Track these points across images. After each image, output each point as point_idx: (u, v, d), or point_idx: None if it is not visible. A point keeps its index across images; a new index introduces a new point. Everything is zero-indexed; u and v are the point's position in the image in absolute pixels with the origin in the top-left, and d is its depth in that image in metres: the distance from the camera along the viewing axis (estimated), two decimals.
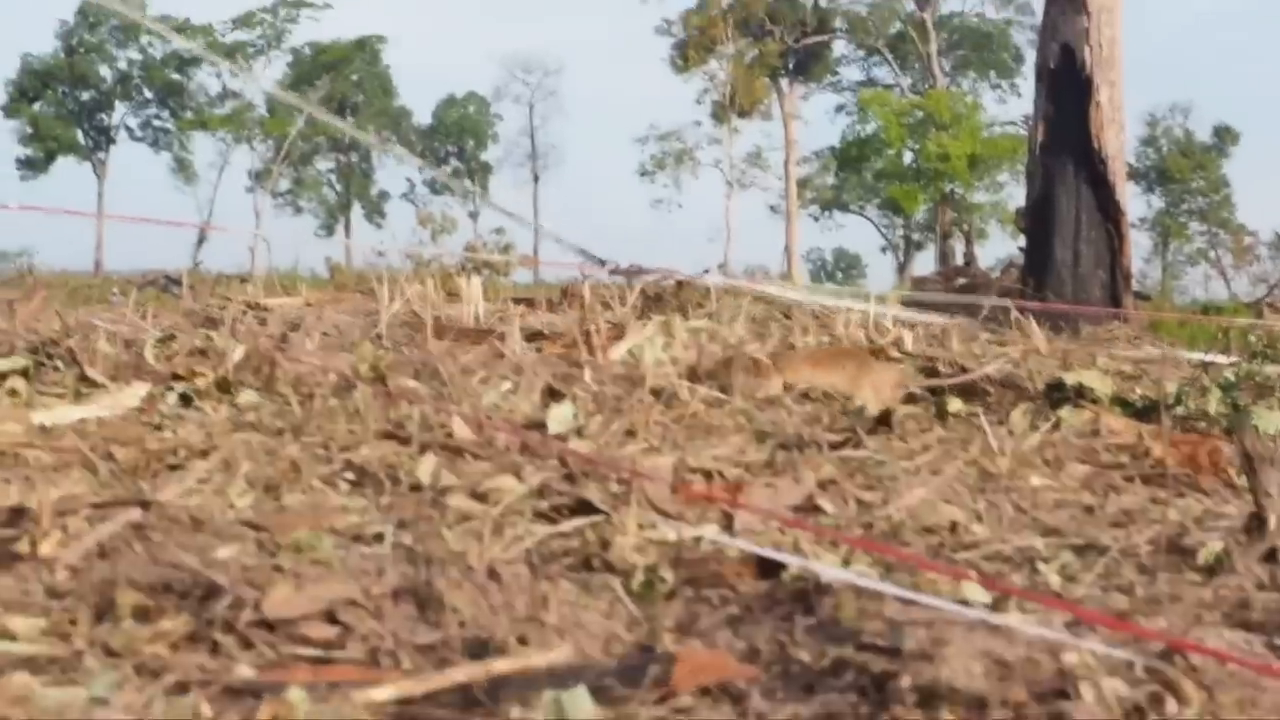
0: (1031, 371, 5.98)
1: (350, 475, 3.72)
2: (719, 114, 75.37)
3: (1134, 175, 68.36)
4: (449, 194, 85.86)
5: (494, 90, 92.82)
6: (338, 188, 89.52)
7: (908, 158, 61.48)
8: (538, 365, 5.66)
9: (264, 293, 9.43)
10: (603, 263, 6.29)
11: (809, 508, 3.57)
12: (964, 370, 5.85)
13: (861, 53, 77.59)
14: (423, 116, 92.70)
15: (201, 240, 55.49)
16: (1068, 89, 13.14)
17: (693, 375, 5.35)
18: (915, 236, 74.40)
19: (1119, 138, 13.27)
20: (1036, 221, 13.42)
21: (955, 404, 5.06)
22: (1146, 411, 5.17)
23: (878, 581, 2.62)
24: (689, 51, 73.76)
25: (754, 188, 78.55)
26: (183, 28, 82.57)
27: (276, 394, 4.96)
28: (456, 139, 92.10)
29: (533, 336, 6.74)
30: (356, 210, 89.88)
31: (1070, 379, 5.37)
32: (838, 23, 76.96)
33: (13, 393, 4.61)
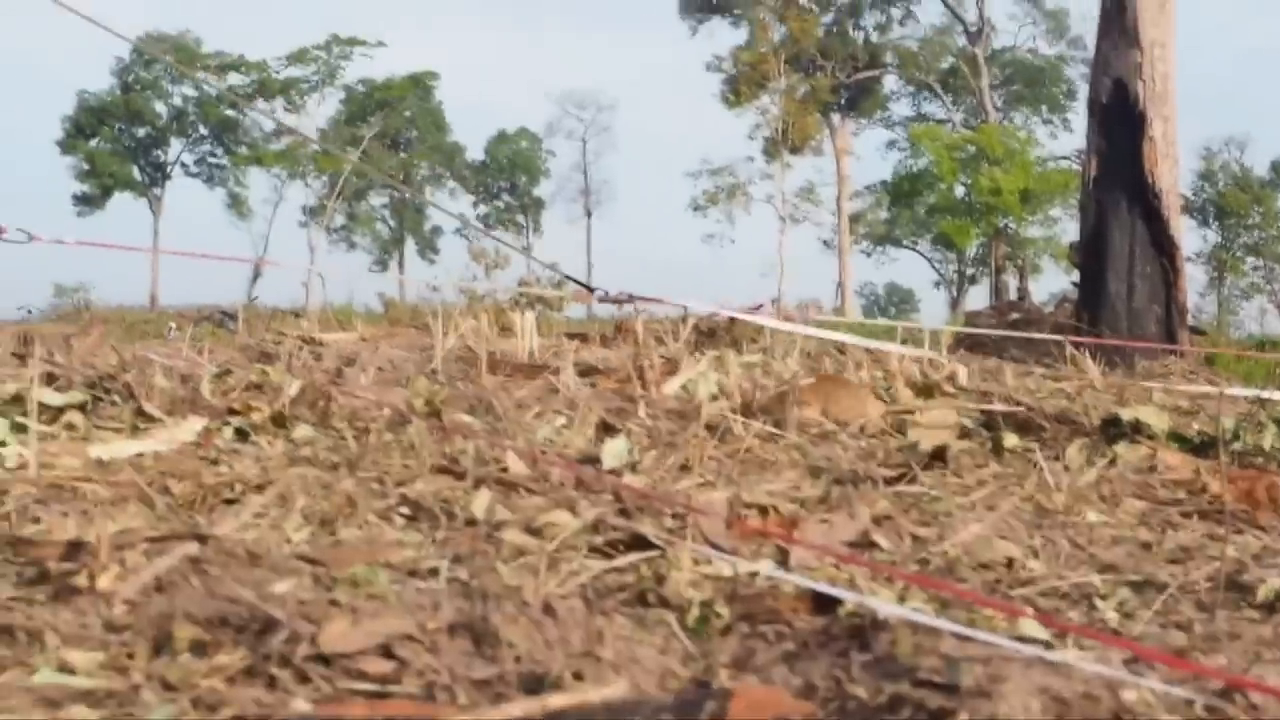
0: (1087, 407, 5.94)
1: (405, 510, 3.73)
2: (771, 149, 75.37)
3: (1189, 209, 68.08)
4: (488, 229, 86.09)
5: (546, 126, 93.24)
6: (391, 223, 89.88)
7: (960, 192, 61.31)
8: (591, 400, 5.66)
9: (319, 328, 9.46)
10: (592, 290, 6.30)
11: (864, 543, 3.56)
12: (1019, 405, 5.81)
13: (912, 88, 77.53)
14: (475, 152, 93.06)
15: (256, 276, 55.86)
16: (1120, 124, 13.11)
17: (746, 410, 5.35)
18: (968, 271, 74.19)
19: (1172, 172, 13.23)
20: (1090, 256, 13.38)
21: (1011, 439, 5.04)
22: (1203, 447, 5.13)
23: (934, 618, 2.61)
24: (740, 87, 73.80)
25: (806, 222, 78.51)
26: (236, 65, 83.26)
27: (332, 429, 4.98)
28: (509, 175, 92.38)
29: (586, 371, 6.75)
30: (410, 245, 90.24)
31: (1126, 414, 5.34)
32: (889, 58, 76.95)
33: (70, 427, 4.64)
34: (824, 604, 2.77)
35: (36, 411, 4.27)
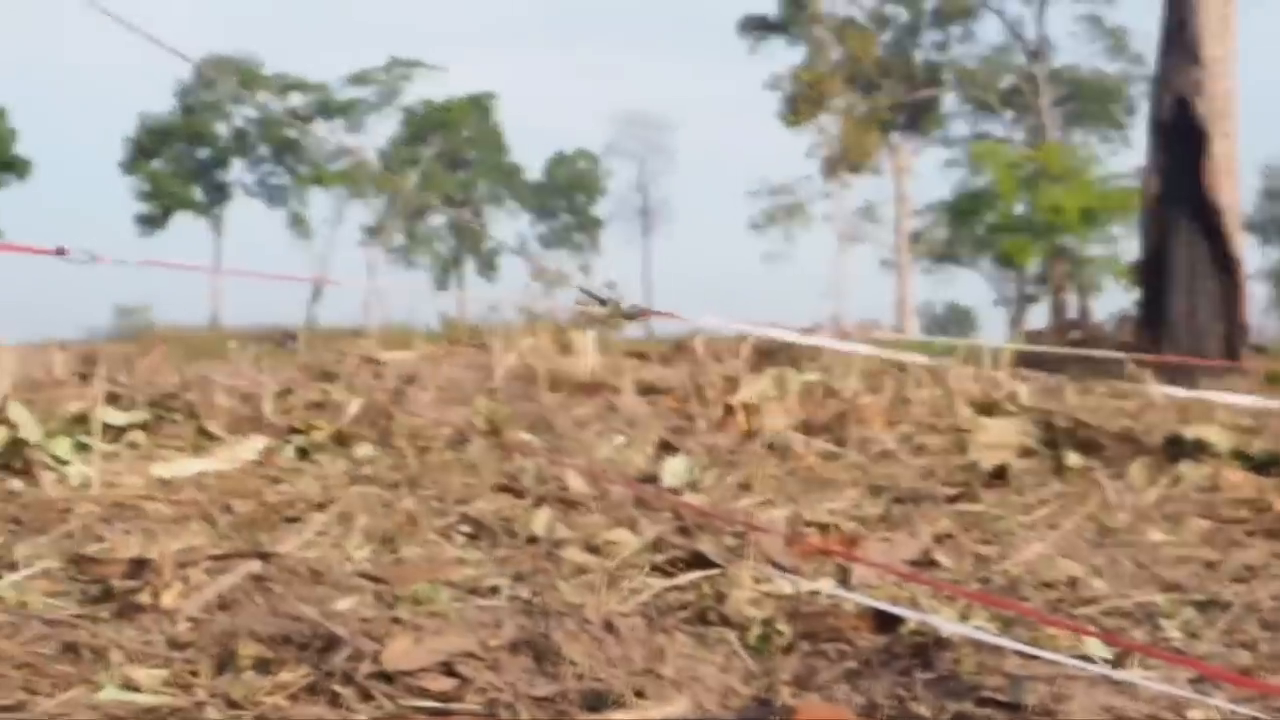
0: (1149, 425, 5.91)
1: (466, 528, 3.74)
2: (829, 168, 75.23)
3: (1251, 227, 67.59)
4: (559, 248, 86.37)
5: (605, 146, 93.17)
6: (450, 242, 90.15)
7: (1020, 211, 61.01)
8: (651, 418, 5.66)
9: (379, 347, 9.49)
10: (603, 302, 6.28)
11: (925, 562, 3.54)
12: (1080, 424, 5.78)
13: (971, 106, 77.25)
14: (535, 173, 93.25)
15: (316, 295, 56.09)
16: (1181, 141, 13.03)
17: (806, 429, 5.33)
18: (1028, 290, 73.81)
19: (1234, 189, 13.14)
20: (1151, 274, 13.30)
21: (1073, 458, 5.01)
22: (1267, 465, 5.09)
23: (997, 636, 2.59)
24: (799, 106, 73.70)
25: (866, 241, 78.29)
26: (297, 85, 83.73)
27: (392, 447, 4.99)
28: (567, 195, 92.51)
29: (646, 390, 6.75)
30: (469, 265, 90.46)
31: (1189, 433, 5.31)
32: (948, 76, 76.71)
33: (133, 445, 4.67)
34: (886, 622, 2.76)
35: (100, 431, 4.30)
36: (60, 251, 5.59)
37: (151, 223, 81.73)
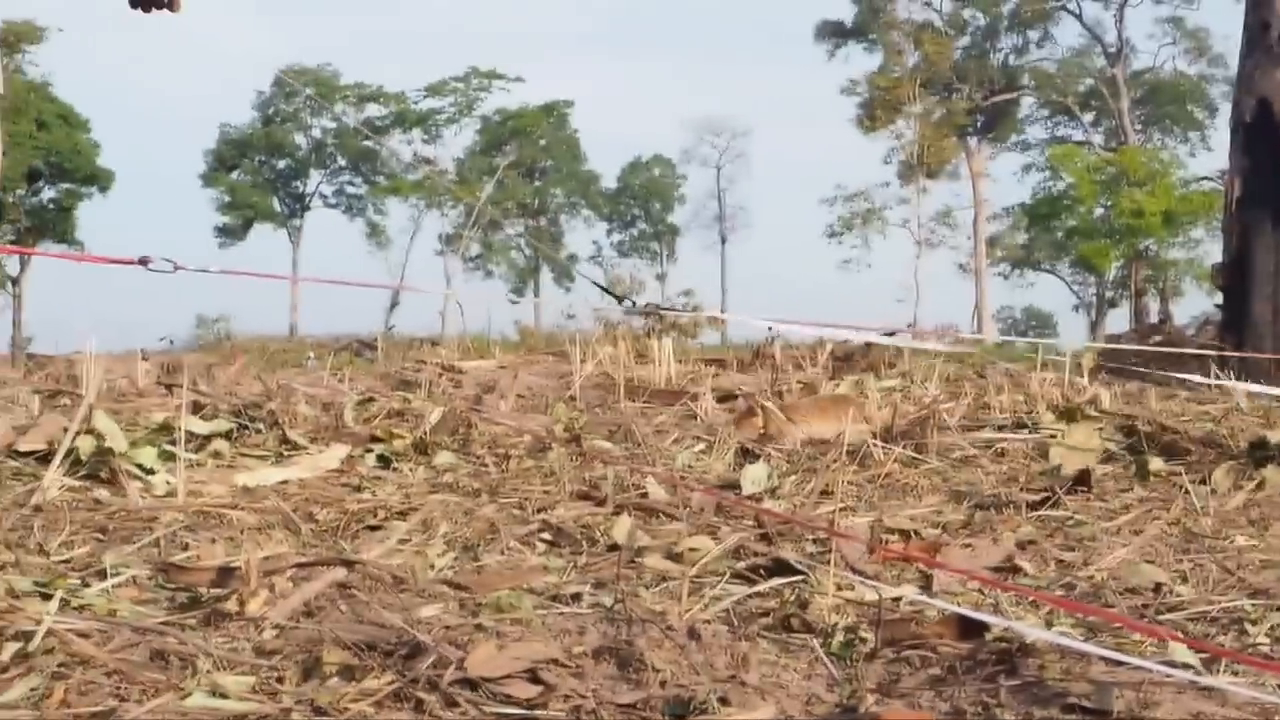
0: (1233, 430, 5.85)
1: (546, 535, 3.75)
2: (906, 173, 74.96)
3: None
4: (636, 256, 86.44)
5: (681, 153, 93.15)
6: (527, 251, 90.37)
7: (1099, 214, 60.55)
8: (731, 425, 5.65)
9: (458, 355, 9.53)
10: (620, 299, 6.29)
11: (1008, 568, 3.52)
12: (1164, 429, 5.73)
13: (1049, 110, 76.74)
14: (611, 180, 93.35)
15: (393, 305, 56.40)
16: (1264, 142, 12.89)
17: (886, 435, 5.31)
18: (1108, 294, 73.24)
19: None
20: (1234, 278, 13.16)
21: (1156, 463, 4.97)
22: None
23: (1083, 642, 2.58)
24: (875, 111, 73.48)
25: (943, 246, 77.93)
26: (375, 96, 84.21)
27: (472, 455, 5.01)
28: (643, 202, 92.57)
29: (725, 397, 6.74)
30: (545, 273, 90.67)
31: (1274, 437, 5.24)
32: (1026, 80, 76.27)
33: (216, 455, 4.71)
34: (969, 629, 2.75)
35: (184, 440, 4.34)
36: (143, 261, 5.65)
37: (231, 234, 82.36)
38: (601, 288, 6.75)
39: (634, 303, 6.32)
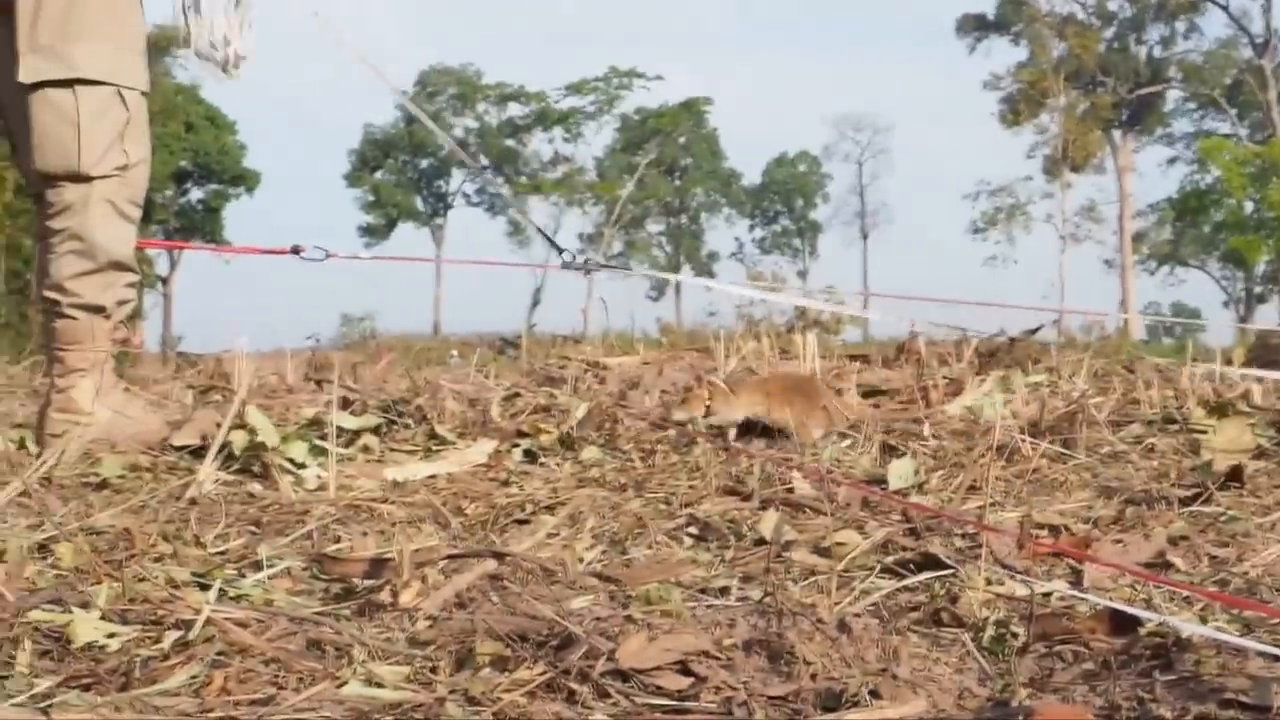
0: None
1: (694, 530, 3.76)
2: (1051, 168, 74.30)
3: None
4: (774, 252, 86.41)
5: (823, 149, 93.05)
6: (668, 249, 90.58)
7: (1249, 208, 59.60)
8: (876, 420, 5.63)
9: (601, 352, 9.57)
10: (561, 250, 6.29)
11: (1160, 564, 3.48)
12: None
13: (1195, 103, 75.73)
14: (752, 177, 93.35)
15: (535, 303, 56.79)
16: None
17: (1034, 430, 5.27)
18: (1257, 290, 72.12)
19: None
20: None
21: None
22: None
23: (1240, 637, 2.54)
24: (1019, 105, 72.90)
25: (1088, 241, 77.19)
26: (516, 95, 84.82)
27: (618, 450, 5.03)
28: (785, 198, 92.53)
29: (869, 393, 6.71)
30: (686, 271, 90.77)
31: None
32: (1172, 73, 75.35)
33: (366, 449, 4.76)
34: (1122, 624, 2.72)
35: (335, 435, 4.39)
36: (296, 250, 5.75)
37: (374, 233, 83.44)
38: (545, 236, 6.74)
39: (573, 256, 6.34)
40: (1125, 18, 75.05)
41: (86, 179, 4.50)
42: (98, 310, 4.59)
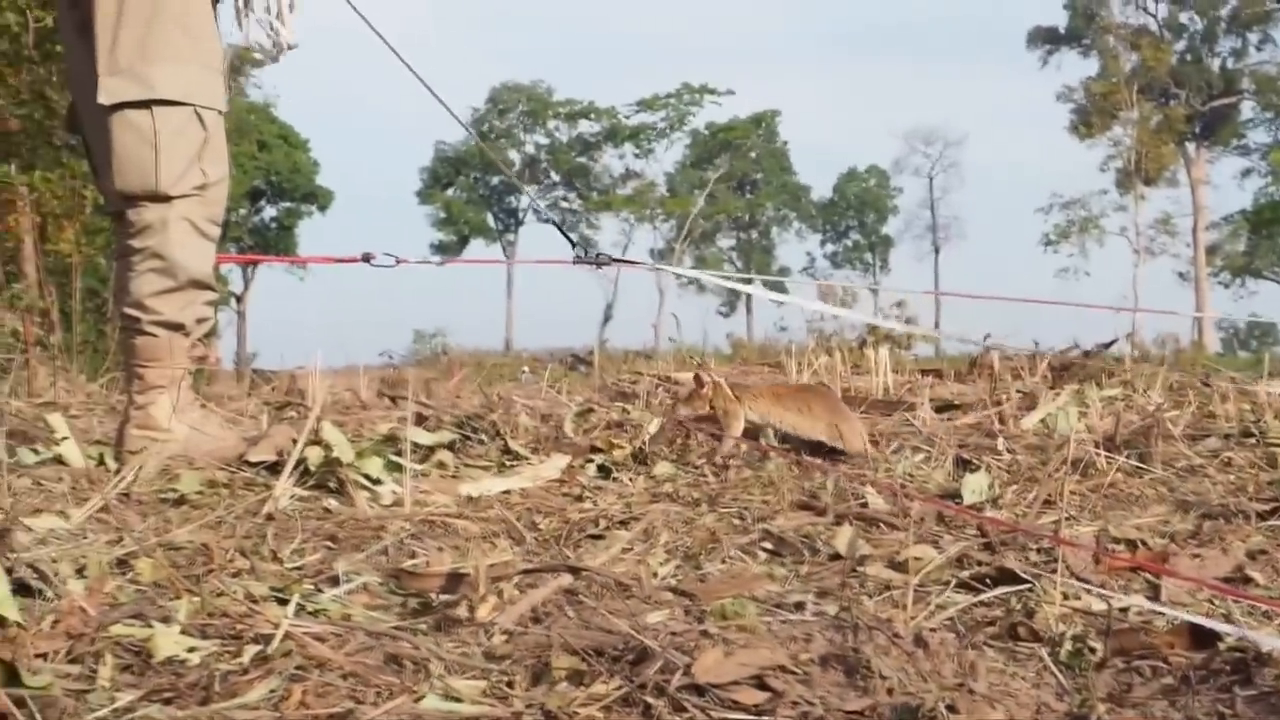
0: None
1: (768, 545, 3.75)
2: (1124, 181, 73.85)
3: None
4: (847, 266, 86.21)
5: (893, 163, 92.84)
6: (738, 264, 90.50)
7: None
8: (949, 435, 5.62)
9: (673, 367, 9.57)
10: (574, 244, 6.27)
11: (1239, 578, 3.46)
12: None
13: (1270, 114, 75.11)
14: (822, 191, 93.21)
15: (607, 319, 56.89)
16: None
17: (1109, 444, 5.24)
18: None
19: None
20: None
21: None
22: None
23: None
24: (1091, 118, 72.52)
25: (1163, 255, 76.61)
26: (586, 112, 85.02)
27: (691, 465, 5.04)
28: (856, 212, 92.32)
29: (943, 407, 6.69)
30: (757, 286, 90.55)
31: None
32: (1245, 84, 74.77)
33: (440, 465, 4.78)
34: (1201, 639, 2.70)
35: (409, 450, 4.41)
36: (367, 258, 5.80)
37: (446, 250, 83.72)
38: (560, 229, 6.73)
39: (585, 251, 6.32)
40: (1197, 30, 74.60)
41: (166, 198, 4.54)
42: (177, 328, 4.63)
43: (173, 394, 4.64)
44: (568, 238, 6.40)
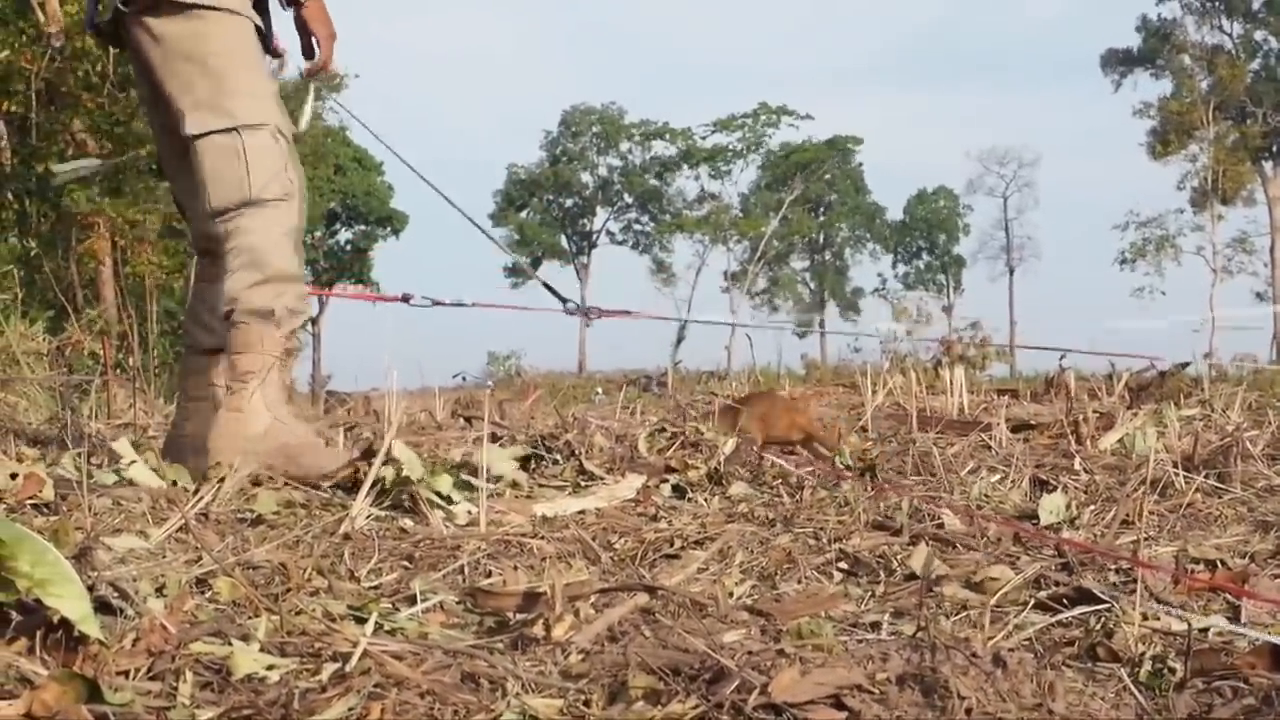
0: None
1: (844, 565, 3.74)
2: (1200, 199, 73.32)
3: None
4: (921, 288, 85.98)
5: (967, 184, 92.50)
6: (812, 285, 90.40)
7: None
8: (1025, 455, 5.59)
9: (747, 388, 9.56)
10: (565, 300, 6.31)
11: None
12: None
13: None
14: (895, 212, 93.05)
15: (680, 340, 56.85)
16: None
17: (1188, 464, 5.20)
18: None
19: None
20: None
21: None
22: None
23: None
24: (1167, 136, 72.05)
25: (1240, 274, 75.95)
26: (660, 133, 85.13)
27: (766, 485, 5.03)
28: (927, 233, 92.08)
29: (1019, 427, 6.66)
30: (831, 307, 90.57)
31: None
32: None
33: (515, 485, 4.80)
34: None
35: (485, 470, 4.43)
36: (405, 298, 5.90)
37: (520, 273, 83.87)
38: (546, 285, 6.76)
39: (577, 305, 6.36)
40: (1272, 49, 74.00)
41: (259, 203, 4.71)
42: (266, 315, 4.72)
43: (262, 382, 4.73)
44: (558, 296, 6.49)
